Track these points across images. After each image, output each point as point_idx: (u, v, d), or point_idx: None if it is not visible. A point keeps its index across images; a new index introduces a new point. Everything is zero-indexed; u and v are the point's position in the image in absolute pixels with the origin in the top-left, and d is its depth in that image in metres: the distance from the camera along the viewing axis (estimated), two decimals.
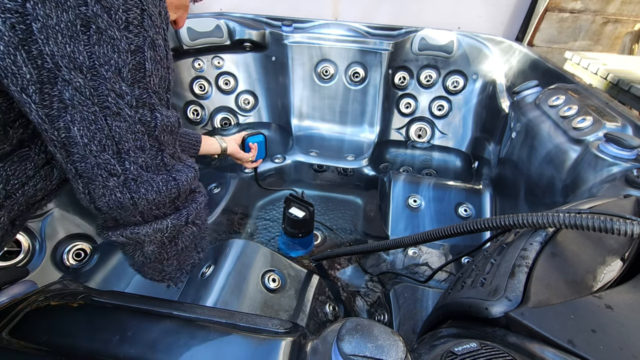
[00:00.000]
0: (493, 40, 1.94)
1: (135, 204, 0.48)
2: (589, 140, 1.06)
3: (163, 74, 0.47)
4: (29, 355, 0.48)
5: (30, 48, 0.36)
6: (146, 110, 0.46)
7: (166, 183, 0.50)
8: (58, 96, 0.39)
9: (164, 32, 0.46)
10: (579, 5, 2.35)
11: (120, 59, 0.41)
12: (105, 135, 0.43)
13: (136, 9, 0.41)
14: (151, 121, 0.46)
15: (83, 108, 0.41)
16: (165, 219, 0.53)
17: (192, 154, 1.01)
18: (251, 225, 1.60)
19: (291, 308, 1.09)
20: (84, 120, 0.41)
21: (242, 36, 1.98)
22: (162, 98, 0.48)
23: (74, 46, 0.38)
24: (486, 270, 0.61)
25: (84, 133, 0.42)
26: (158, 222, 0.52)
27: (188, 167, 0.56)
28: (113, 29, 0.39)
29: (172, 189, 0.51)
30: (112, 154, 0.44)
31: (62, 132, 0.41)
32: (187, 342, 0.50)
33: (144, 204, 0.49)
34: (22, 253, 1.03)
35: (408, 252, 1.44)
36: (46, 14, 0.35)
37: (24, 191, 0.50)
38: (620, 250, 0.60)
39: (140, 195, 0.48)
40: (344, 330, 0.40)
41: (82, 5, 0.37)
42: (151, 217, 0.52)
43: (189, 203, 0.57)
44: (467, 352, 0.42)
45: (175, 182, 0.52)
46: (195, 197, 0.58)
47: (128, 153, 0.45)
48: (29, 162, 0.49)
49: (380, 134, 2.14)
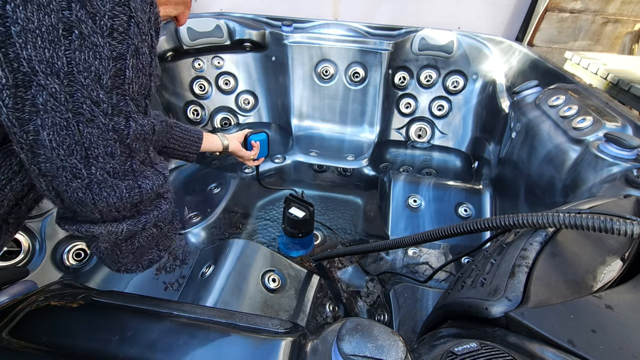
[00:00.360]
0: (493, 40, 1.94)
1: (96, 204, 0.48)
2: (589, 140, 1.06)
3: (144, 81, 0.46)
4: (29, 355, 0.48)
5: (7, 51, 0.35)
6: (121, 118, 0.45)
7: (130, 190, 0.50)
8: (31, 100, 0.38)
9: (151, 39, 0.45)
10: (579, 5, 2.35)
11: (102, 65, 0.40)
12: (75, 141, 0.42)
13: (123, 16, 0.40)
14: (125, 129, 0.45)
15: (56, 114, 0.40)
16: (121, 223, 0.52)
17: (194, 151, 1.01)
18: (251, 225, 1.60)
19: (291, 308, 1.09)
20: (55, 126, 0.40)
21: (242, 36, 1.98)
22: (140, 104, 0.47)
23: (54, 51, 0.37)
24: (486, 270, 0.61)
25: (53, 138, 0.41)
26: (114, 225, 0.51)
27: (157, 174, 0.55)
28: (97, 36, 0.38)
29: (135, 196, 0.51)
30: (79, 159, 0.44)
31: (31, 135, 0.40)
32: (187, 342, 0.50)
33: (104, 205, 0.48)
34: (22, 253, 1.03)
35: (408, 252, 1.44)
36: (27, 17, 0.34)
37: (12, 186, 0.50)
38: (620, 250, 0.60)
39: (102, 198, 0.48)
40: (344, 330, 0.40)
41: (66, 9, 0.36)
42: (110, 217, 0.51)
43: (151, 209, 0.55)
44: (467, 352, 0.42)
45: (139, 190, 0.51)
46: (159, 203, 0.57)
47: (97, 159, 0.45)
48: (14, 157, 0.49)
49: (380, 134, 2.14)
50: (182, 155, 0.99)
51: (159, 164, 0.57)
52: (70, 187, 0.46)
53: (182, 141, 0.97)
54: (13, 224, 0.56)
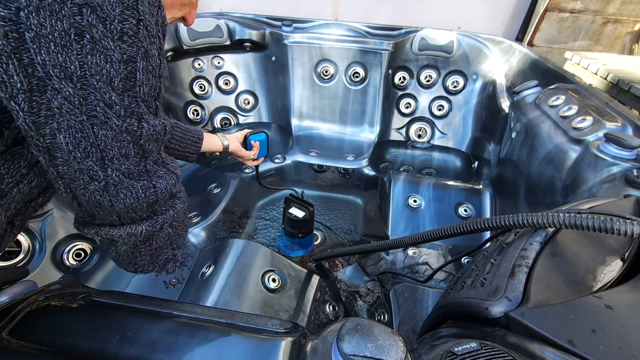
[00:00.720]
0: (493, 40, 1.94)
1: (113, 206, 0.49)
2: (589, 140, 1.06)
3: (154, 82, 0.46)
4: (29, 355, 0.48)
5: (22, 56, 0.36)
6: (133, 120, 0.45)
7: (145, 190, 0.51)
8: (46, 104, 0.39)
9: (159, 41, 0.46)
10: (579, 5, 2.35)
11: (113, 68, 0.40)
12: (90, 143, 0.43)
13: (132, 19, 0.40)
14: (137, 130, 0.46)
15: (70, 117, 0.40)
16: (139, 224, 0.53)
17: (194, 151, 1.01)
18: (251, 225, 1.60)
19: (291, 308, 1.09)
20: (71, 129, 0.41)
21: (242, 36, 1.98)
22: (151, 106, 0.48)
23: (66, 55, 0.37)
24: (486, 270, 0.61)
25: (69, 140, 0.42)
26: (132, 227, 0.52)
27: (170, 173, 0.56)
28: (107, 40, 0.39)
29: (151, 196, 0.52)
30: (95, 161, 0.44)
31: (48, 139, 0.41)
32: (187, 342, 0.50)
33: (121, 207, 0.49)
34: (22, 253, 1.03)
35: (408, 252, 1.44)
36: (40, 23, 0.35)
37: (20, 189, 0.50)
38: (620, 250, 0.60)
39: (119, 200, 0.48)
40: (344, 330, 0.40)
41: (77, 14, 0.36)
42: (128, 219, 0.52)
43: (167, 209, 0.57)
44: (467, 352, 0.42)
45: (154, 190, 0.52)
46: (174, 203, 0.58)
47: (112, 160, 0.46)
48: (22, 159, 0.49)
49: (380, 134, 2.14)
50: (183, 156, 0.99)
51: (170, 163, 0.58)
52: (87, 189, 0.46)
53: (183, 141, 0.98)
54: (18, 225, 0.56)
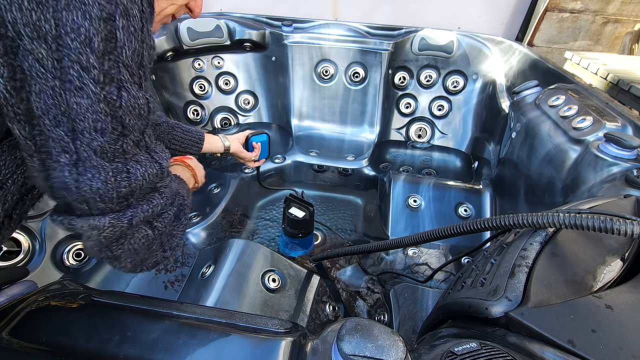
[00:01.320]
0: (493, 40, 1.94)
1: (79, 188, 0.43)
2: (589, 140, 1.06)
3: (136, 46, 0.43)
4: (29, 355, 0.48)
5: None
6: (113, 87, 0.42)
7: (116, 174, 0.45)
8: (19, 66, 0.37)
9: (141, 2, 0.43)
10: (579, 5, 2.35)
11: (92, 26, 0.37)
12: (61, 111, 0.39)
13: None
14: (117, 100, 0.42)
15: (41, 80, 0.38)
16: (104, 217, 0.46)
17: (195, 152, 1.01)
18: (251, 225, 1.60)
19: (291, 308, 1.09)
20: (42, 93, 0.38)
21: (242, 36, 1.98)
22: (134, 74, 0.44)
23: (41, 13, 0.35)
24: (486, 270, 0.61)
25: (38, 106, 0.39)
26: (95, 218, 0.46)
27: (151, 161, 0.49)
28: None
29: (122, 182, 0.45)
30: (66, 131, 0.41)
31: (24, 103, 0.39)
32: (187, 342, 0.50)
33: (87, 190, 0.44)
34: (22, 253, 1.03)
35: (408, 252, 1.44)
36: None
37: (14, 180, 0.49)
38: (620, 250, 0.60)
39: (84, 181, 0.43)
40: (344, 330, 0.40)
41: None
42: (96, 209, 0.46)
43: (141, 204, 0.49)
44: (467, 352, 0.42)
45: (127, 175, 0.46)
46: (151, 197, 0.51)
47: (82, 133, 0.41)
48: (17, 150, 0.48)
49: (380, 134, 2.14)
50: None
51: (158, 152, 0.52)
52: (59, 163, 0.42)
53: (184, 142, 0.97)
54: (16, 219, 0.55)
